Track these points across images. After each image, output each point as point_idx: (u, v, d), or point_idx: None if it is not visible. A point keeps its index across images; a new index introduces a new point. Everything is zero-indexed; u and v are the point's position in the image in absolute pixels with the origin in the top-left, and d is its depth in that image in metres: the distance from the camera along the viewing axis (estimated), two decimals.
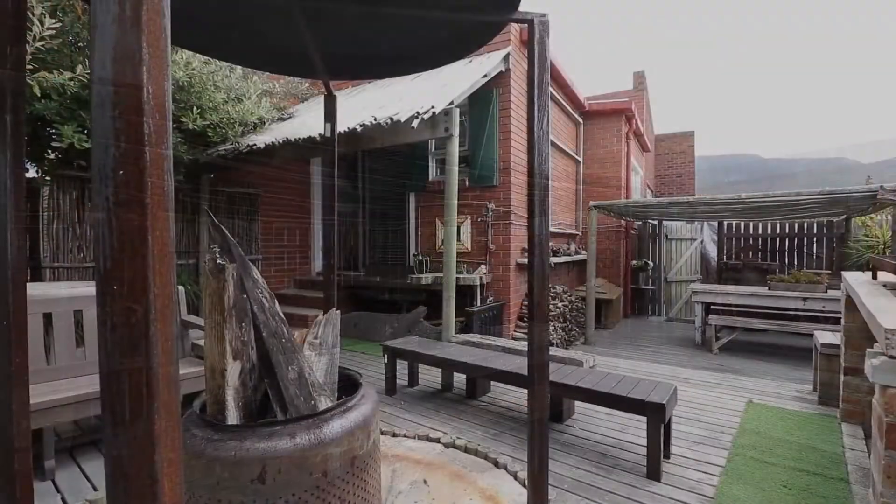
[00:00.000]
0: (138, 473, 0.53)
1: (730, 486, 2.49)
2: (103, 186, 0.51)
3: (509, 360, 3.28)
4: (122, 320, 0.52)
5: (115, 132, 0.51)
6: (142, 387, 0.52)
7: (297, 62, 2.11)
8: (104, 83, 0.51)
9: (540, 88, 1.51)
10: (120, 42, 0.51)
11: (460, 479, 1.93)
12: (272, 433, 1.24)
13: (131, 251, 0.52)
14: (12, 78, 1.35)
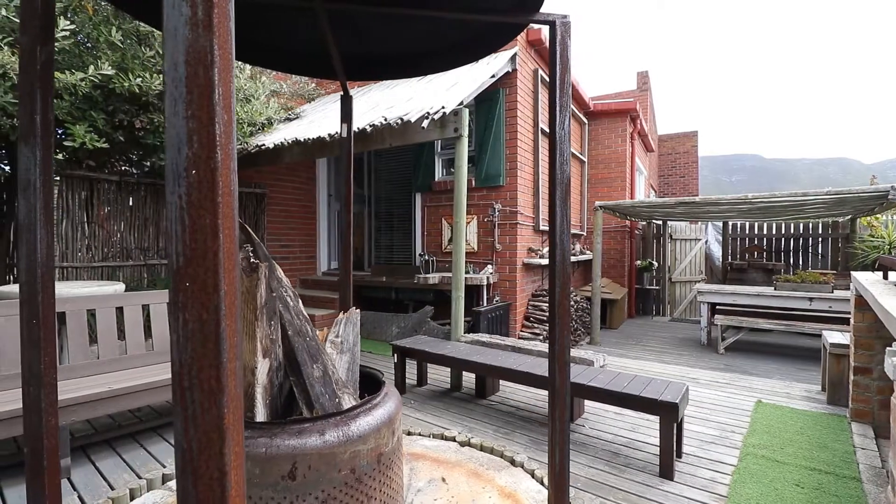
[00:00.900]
0: (207, 465, 0.54)
1: (742, 485, 2.50)
2: (176, 186, 0.53)
3: (521, 360, 3.29)
4: (194, 316, 0.53)
5: (188, 133, 0.52)
6: (213, 380, 0.54)
7: (316, 63, 2.13)
8: (177, 84, 0.52)
9: (561, 89, 1.52)
10: (192, 44, 0.52)
11: (478, 477, 1.94)
12: (301, 430, 1.26)
13: (203, 249, 0.53)
14: (41, 78, 1.37)
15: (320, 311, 6.01)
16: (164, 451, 2.89)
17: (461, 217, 3.93)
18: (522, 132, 5.71)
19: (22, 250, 1.36)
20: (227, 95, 0.54)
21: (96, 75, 3.59)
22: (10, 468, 2.63)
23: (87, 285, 3.41)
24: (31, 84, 1.35)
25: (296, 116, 5.90)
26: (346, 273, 2.27)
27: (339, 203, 7.69)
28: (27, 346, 1.36)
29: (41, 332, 1.37)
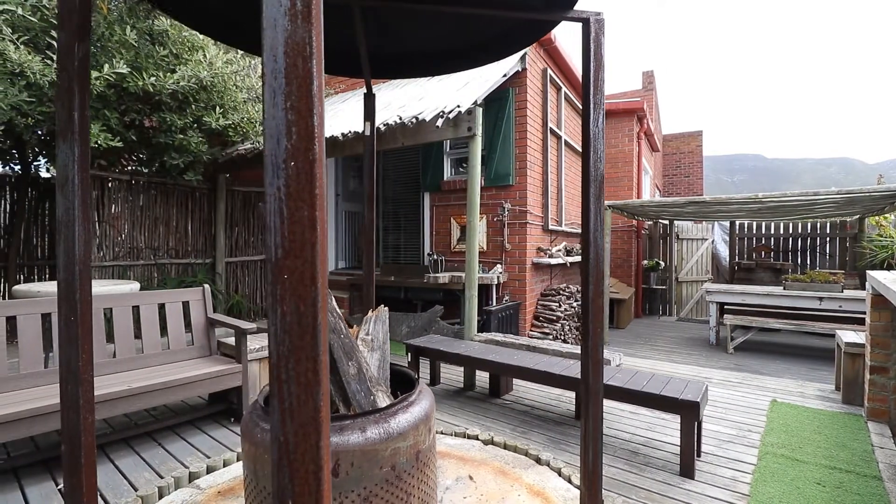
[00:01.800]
0: (304, 459, 0.53)
1: (764, 484, 2.50)
2: (275, 178, 0.52)
3: (537, 359, 3.29)
4: (292, 308, 0.53)
5: (287, 124, 0.52)
6: (309, 373, 0.53)
7: (339, 60, 2.12)
8: (276, 75, 0.52)
9: (595, 87, 1.51)
10: (291, 35, 0.52)
11: (505, 476, 1.94)
12: (343, 427, 1.25)
13: (301, 241, 0.53)
14: (79, 75, 1.36)
15: None
16: (182, 449, 2.89)
17: (474, 216, 3.92)
18: (532, 131, 5.70)
19: (60, 248, 1.36)
20: (321, 88, 0.54)
21: (111, 74, 3.59)
22: (28, 467, 2.63)
23: (104, 284, 3.41)
24: (68, 81, 1.35)
25: None
26: (370, 272, 2.27)
27: (346, 202, 7.70)
28: (65, 343, 1.36)
29: (79, 330, 1.37)
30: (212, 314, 3.53)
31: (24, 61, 3.20)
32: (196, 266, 5.68)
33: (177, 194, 5.53)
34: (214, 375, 3.06)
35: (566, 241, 6.83)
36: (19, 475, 2.55)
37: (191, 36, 4.00)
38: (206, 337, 3.51)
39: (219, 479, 1.92)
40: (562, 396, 3.75)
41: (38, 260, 5.35)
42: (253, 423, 1.32)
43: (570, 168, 7.21)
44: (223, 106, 4.32)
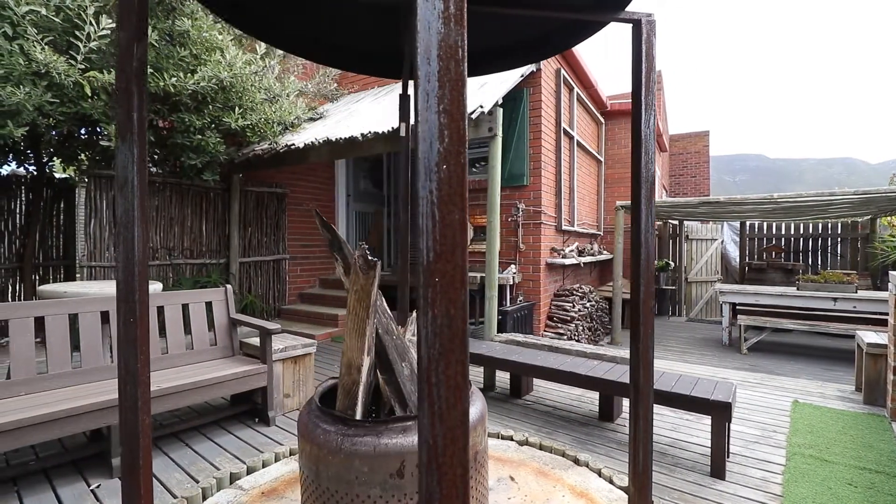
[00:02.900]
0: (451, 462, 0.54)
1: (795, 484, 2.50)
2: (427, 181, 0.52)
3: (561, 359, 3.29)
4: (442, 311, 0.53)
5: (440, 127, 0.52)
6: (458, 377, 0.53)
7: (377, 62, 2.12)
8: (429, 78, 0.52)
9: (647, 88, 1.51)
10: (444, 38, 0.52)
11: (545, 476, 1.94)
12: (406, 428, 1.25)
13: (452, 245, 0.53)
14: (137, 75, 1.37)
15: (343, 311, 6.00)
16: (210, 449, 2.89)
17: (495, 217, 3.92)
18: (546, 132, 5.70)
19: (119, 248, 1.36)
20: (465, 91, 0.54)
21: None
22: (57, 468, 2.63)
23: None
24: (127, 81, 1.34)
25: (319, 116, 5.90)
26: (405, 272, 2.26)
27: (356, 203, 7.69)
28: (124, 344, 1.36)
29: (138, 331, 1.37)
30: (234, 314, 3.53)
31: (49, 61, 3.20)
32: (210, 266, 5.68)
33: (191, 194, 5.53)
34: (241, 376, 3.06)
35: (578, 242, 6.83)
36: (50, 476, 2.56)
37: (210, 36, 4.00)
38: (229, 337, 3.51)
39: (260, 480, 1.92)
40: (583, 397, 3.75)
41: (53, 260, 5.35)
42: (313, 425, 1.32)
43: (581, 168, 7.21)
44: (242, 106, 4.31)
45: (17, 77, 3.32)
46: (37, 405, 2.44)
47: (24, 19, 3.25)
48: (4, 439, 2.21)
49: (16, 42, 3.33)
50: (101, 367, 2.93)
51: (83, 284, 3.35)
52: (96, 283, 3.55)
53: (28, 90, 3.24)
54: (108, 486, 2.47)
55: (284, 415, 3.42)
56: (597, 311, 6.57)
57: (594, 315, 6.42)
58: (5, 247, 4.98)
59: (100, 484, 2.47)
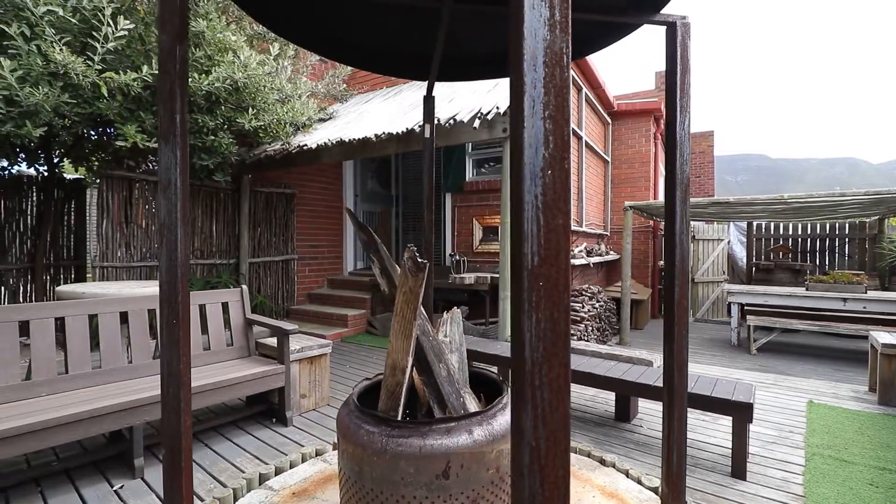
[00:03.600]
0: (553, 465, 0.54)
1: (816, 485, 2.50)
2: (533, 186, 0.53)
3: (576, 360, 3.29)
4: (546, 315, 0.53)
5: (545, 133, 0.53)
6: (561, 379, 0.54)
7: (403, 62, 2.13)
8: (535, 84, 0.52)
9: (682, 90, 1.52)
10: (550, 45, 0.53)
11: (574, 477, 1.94)
12: (450, 429, 1.26)
13: (556, 249, 0.53)
14: (181, 77, 1.37)
15: (352, 312, 6.02)
16: (229, 450, 2.90)
17: (508, 217, 3.92)
18: None
19: (162, 250, 1.37)
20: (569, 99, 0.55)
21: (148, 75, 3.60)
22: (78, 469, 2.64)
23: (146, 285, 3.41)
24: (170, 83, 1.35)
25: (329, 117, 5.91)
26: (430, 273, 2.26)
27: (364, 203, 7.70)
28: (167, 345, 1.37)
29: (180, 332, 1.38)
30: (250, 315, 3.54)
31: (67, 62, 3.21)
32: (220, 266, 5.69)
33: (202, 195, 5.54)
34: (260, 376, 3.06)
35: (586, 242, 6.83)
36: (72, 476, 2.56)
37: (224, 37, 4.00)
38: (245, 337, 3.52)
39: (289, 481, 1.92)
40: (596, 397, 3.75)
41: (64, 260, 5.36)
42: (355, 425, 1.32)
43: (588, 168, 7.21)
44: (255, 107, 4.32)
45: (34, 77, 3.33)
46: (60, 406, 2.45)
47: (42, 20, 3.26)
48: (31, 440, 2.22)
49: (33, 42, 3.33)
50: (119, 368, 2.93)
51: (101, 285, 3.35)
52: (114, 283, 3.55)
53: (46, 91, 3.25)
54: (131, 486, 2.48)
55: (301, 415, 3.43)
56: (605, 311, 6.57)
57: (602, 315, 6.43)
58: (17, 247, 4.99)
59: (123, 484, 2.48)
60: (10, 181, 4.91)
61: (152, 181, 5.09)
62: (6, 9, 3.37)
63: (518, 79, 0.53)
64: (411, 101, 5.33)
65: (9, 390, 2.55)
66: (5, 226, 4.90)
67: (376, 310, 6.21)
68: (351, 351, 5.22)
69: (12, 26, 3.20)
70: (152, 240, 5.14)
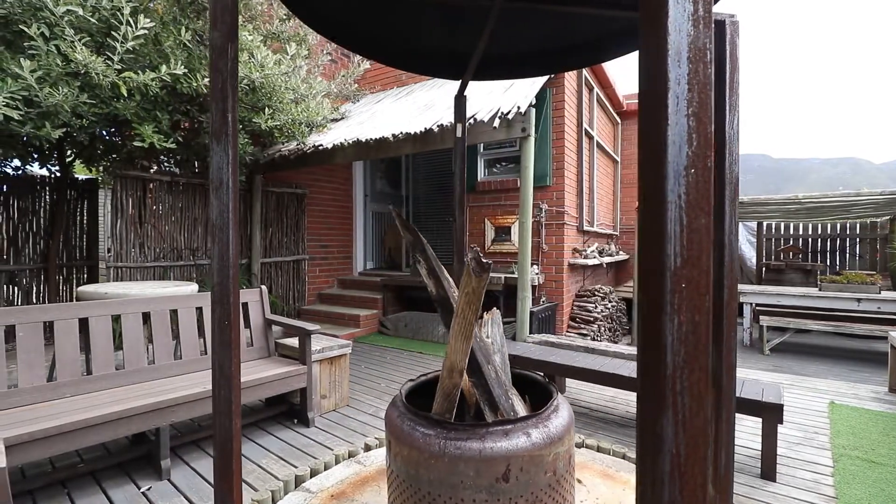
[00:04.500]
0: (693, 471, 0.53)
1: (848, 486, 2.49)
2: (676, 185, 0.51)
3: (600, 361, 3.28)
4: (688, 318, 0.52)
5: (689, 131, 0.51)
6: (701, 385, 0.53)
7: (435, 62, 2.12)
8: (679, 81, 0.51)
9: (731, 89, 1.49)
10: (694, 40, 0.51)
11: (612, 479, 1.93)
12: (507, 431, 1.24)
13: (698, 250, 0.52)
14: (232, 76, 1.36)
15: (364, 312, 6.00)
16: (253, 450, 2.88)
17: (527, 217, 3.92)
18: (568, 132, 5.69)
19: (214, 250, 1.35)
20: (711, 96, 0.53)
21: (167, 75, 3.58)
22: (104, 470, 2.62)
23: (165, 285, 3.40)
24: (222, 81, 1.33)
25: (341, 117, 5.90)
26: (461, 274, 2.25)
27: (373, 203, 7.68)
28: (219, 347, 1.35)
29: (231, 334, 1.36)
30: (269, 315, 3.53)
31: (88, 62, 3.19)
32: None
33: None
34: (283, 376, 3.05)
35: (597, 242, 6.82)
36: (98, 478, 2.55)
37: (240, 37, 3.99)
38: (265, 338, 3.50)
39: (325, 483, 1.91)
40: (616, 398, 3.74)
41: (77, 260, 5.34)
42: (410, 427, 1.31)
43: (599, 169, 7.20)
44: (271, 107, 4.30)
45: (54, 77, 3.31)
46: (87, 407, 2.43)
47: (62, 19, 3.24)
48: (61, 442, 2.21)
49: (52, 42, 3.32)
50: (142, 369, 2.92)
51: (123, 285, 3.34)
52: (135, 283, 3.54)
53: (66, 91, 3.23)
54: (158, 488, 2.47)
55: (322, 415, 3.41)
56: (616, 311, 6.56)
57: (614, 316, 6.42)
58: (30, 247, 4.98)
59: (151, 486, 2.46)
60: (24, 181, 4.89)
61: (165, 181, 5.08)
62: (24, 8, 3.36)
63: (661, 75, 0.52)
64: (425, 102, 5.32)
65: (34, 391, 2.54)
66: (18, 226, 4.89)
67: (388, 310, 6.20)
68: (364, 351, 5.20)
69: (32, 26, 3.19)
70: (165, 240, 5.13)
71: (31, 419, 2.27)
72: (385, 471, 2.04)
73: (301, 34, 4.99)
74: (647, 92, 0.54)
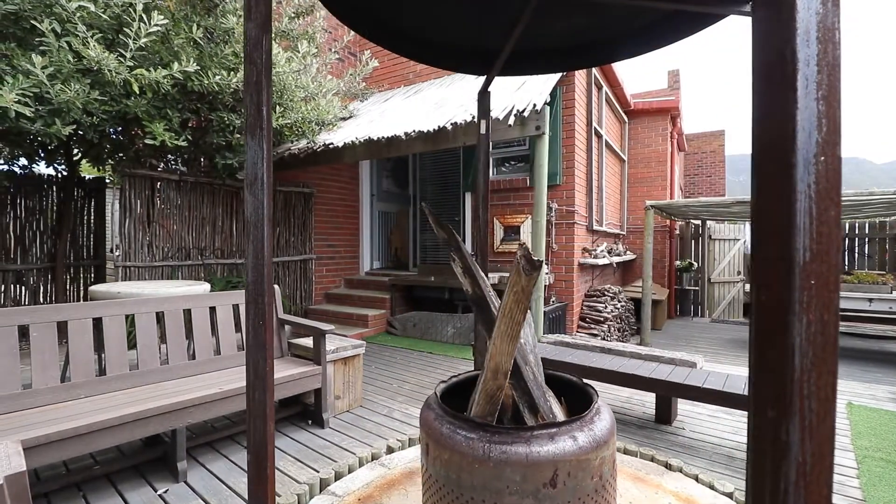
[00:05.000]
0: (818, 480, 0.50)
1: (874, 488, 2.45)
2: (805, 174, 0.48)
3: (617, 361, 3.24)
4: (817, 317, 0.48)
5: (818, 116, 0.48)
6: (829, 388, 0.49)
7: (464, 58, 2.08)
8: (808, 62, 0.47)
9: None
10: (822, 20, 0.48)
11: (643, 482, 1.89)
12: (553, 434, 1.21)
13: (827, 243, 0.48)
14: (266, 68, 1.32)
15: (373, 312, 5.96)
16: None
17: (541, 216, 3.88)
18: (578, 131, 5.66)
19: (248, 248, 1.31)
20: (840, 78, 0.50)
21: (179, 73, 3.55)
22: (119, 473, 2.59)
23: (179, 285, 3.36)
24: (257, 73, 1.29)
25: (350, 115, 5.86)
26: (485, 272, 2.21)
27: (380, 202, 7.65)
28: (253, 347, 1.32)
29: (266, 334, 1.33)
30: (282, 314, 3.49)
31: (101, 59, 3.16)
32: (240, 266, 5.64)
33: (222, 194, 5.49)
34: (298, 377, 3.01)
35: (606, 242, 6.78)
36: (114, 481, 2.51)
37: None
38: (278, 338, 3.47)
39: (351, 486, 1.87)
40: (632, 398, 3.70)
41: (84, 260, 5.31)
42: (450, 430, 1.27)
43: (608, 168, 7.17)
44: (282, 105, 4.27)
45: (65, 74, 3.28)
46: (103, 408, 2.39)
47: (73, 15, 3.20)
48: (78, 443, 2.17)
49: (64, 39, 3.28)
50: (155, 369, 2.88)
51: (136, 284, 3.31)
52: (148, 283, 3.50)
53: (77, 88, 3.20)
54: (175, 490, 2.43)
55: (336, 416, 3.38)
56: (624, 311, 6.52)
57: (623, 316, 6.38)
58: (37, 247, 4.95)
59: (168, 489, 2.43)
60: (31, 181, 4.86)
61: (173, 180, 5.04)
62: (35, 4, 3.32)
63: (789, 56, 0.48)
64: (435, 100, 5.28)
65: (49, 392, 2.50)
66: (26, 225, 4.85)
67: (396, 310, 6.16)
68: (374, 352, 5.16)
69: (44, 22, 3.15)
70: (173, 239, 5.09)
71: (47, 421, 2.24)
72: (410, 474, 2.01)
73: (310, 32, 4.95)
74: (768, 75, 0.50)
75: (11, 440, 1.98)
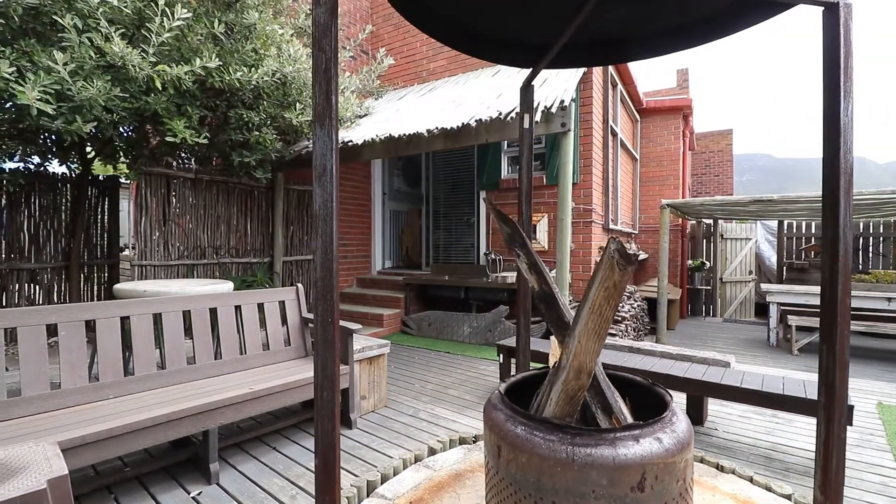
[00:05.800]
0: None
1: None
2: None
3: (648, 361, 3.20)
4: None
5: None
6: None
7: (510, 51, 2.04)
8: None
9: (846, 75, 1.41)
10: None
11: (698, 484, 1.84)
12: (636, 436, 1.16)
13: None
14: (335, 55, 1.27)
15: (387, 311, 5.92)
16: (300, 453, 2.80)
17: (566, 215, 3.83)
18: (595, 129, 5.61)
19: (317, 243, 1.28)
20: None
21: (200, 68, 3.49)
22: (149, 475, 2.54)
23: (205, 283, 3.31)
24: (325, 61, 1.24)
25: (365, 113, 5.81)
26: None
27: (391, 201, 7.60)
28: (322, 346, 1.28)
29: (335, 332, 1.29)
30: (306, 313, 3.44)
31: (124, 54, 3.11)
32: (255, 265, 5.59)
33: (237, 193, 5.44)
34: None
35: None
36: (145, 483, 2.46)
37: (272, 31, 3.90)
38: (302, 337, 3.42)
39: (399, 489, 1.82)
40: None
41: (98, 259, 5.25)
42: (527, 432, 1.22)
43: (622, 167, 7.12)
44: (301, 102, 4.22)
45: (87, 71, 3.23)
46: (134, 409, 2.34)
47: (96, 10, 3.15)
48: (113, 445, 2.12)
49: (85, 35, 3.23)
50: (183, 369, 2.83)
51: (162, 283, 3.26)
52: (173, 281, 3.46)
53: (99, 84, 3.14)
54: (208, 492, 2.38)
55: (362, 417, 3.33)
56: (639, 311, 6.48)
57: (638, 315, 6.33)
58: (51, 245, 4.89)
59: (201, 491, 2.38)
60: (45, 179, 4.80)
61: (189, 178, 4.99)
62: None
63: None
64: (452, 98, 5.23)
65: (77, 392, 2.46)
66: (40, 224, 4.80)
67: (410, 309, 6.11)
68: (392, 351, 5.10)
69: (65, 17, 3.10)
70: (189, 238, 5.04)
71: (80, 422, 2.19)
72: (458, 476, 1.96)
73: None
74: None
75: (48, 442, 1.93)
